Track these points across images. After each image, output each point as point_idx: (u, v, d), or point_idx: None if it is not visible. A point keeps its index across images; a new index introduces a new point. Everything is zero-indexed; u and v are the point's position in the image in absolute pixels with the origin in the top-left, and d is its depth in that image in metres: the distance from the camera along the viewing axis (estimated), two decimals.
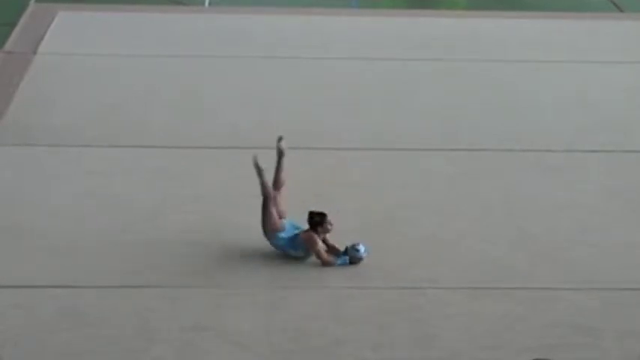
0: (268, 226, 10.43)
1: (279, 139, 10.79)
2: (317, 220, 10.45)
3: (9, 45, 15.99)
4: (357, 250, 10.42)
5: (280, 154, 10.73)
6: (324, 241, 10.54)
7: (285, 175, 10.74)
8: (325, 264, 10.41)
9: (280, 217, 10.50)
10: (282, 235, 10.43)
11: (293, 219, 10.60)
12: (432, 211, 11.55)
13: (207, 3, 18.52)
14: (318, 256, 10.42)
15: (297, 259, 10.45)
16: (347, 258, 10.44)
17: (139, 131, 13.29)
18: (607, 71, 15.59)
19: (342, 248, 10.50)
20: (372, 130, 13.51)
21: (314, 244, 10.38)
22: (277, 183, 10.70)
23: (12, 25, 16.77)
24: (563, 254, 10.82)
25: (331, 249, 10.55)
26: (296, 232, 10.47)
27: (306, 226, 10.47)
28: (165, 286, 10.06)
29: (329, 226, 10.47)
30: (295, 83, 14.93)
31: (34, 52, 15.66)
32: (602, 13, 18.26)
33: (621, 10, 18.49)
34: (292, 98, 14.42)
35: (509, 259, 10.70)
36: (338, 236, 10.90)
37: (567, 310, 9.89)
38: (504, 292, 10.13)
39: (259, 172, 10.47)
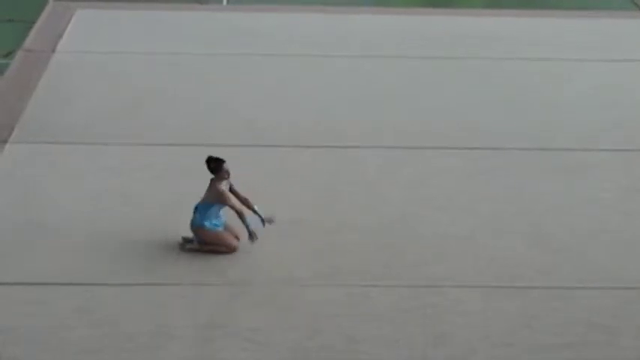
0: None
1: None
2: (212, 167, 10.41)
3: (28, 43, 16.06)
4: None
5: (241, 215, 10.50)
6: (236, 194, 10.48)
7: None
8: (240, 215, 10.33)
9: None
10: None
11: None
12: (447, 209, 11.54)
13: (225, 1, 18.57)
14: (233, 207, 10.36)
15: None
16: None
17: (155, 129, 13.33)
18: (625, 70, 15.55)
19: None
20: (386, 128, 13.50)
21: (223, 197, 10.30)
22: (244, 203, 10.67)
23: (31, 23, 16.85)
24: (580, 252, 10.79)
25: (243, 201, 10.50)
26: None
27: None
28: (181, 283, 10.09)
29: (225, 175, 10.40)
30: (310, 81, 14.94)
31: (53, 51, 15.73)
32: (620, 11, 18.20)
33: None
34: (307, 96, 14.43)
35: (526, 257, 10.69)
36: (353, 233, 10.92)
37: (584, 309, 9.87)
38: (520, 290, 10.12)
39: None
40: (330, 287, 10.10)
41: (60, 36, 16.24)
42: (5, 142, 12.87)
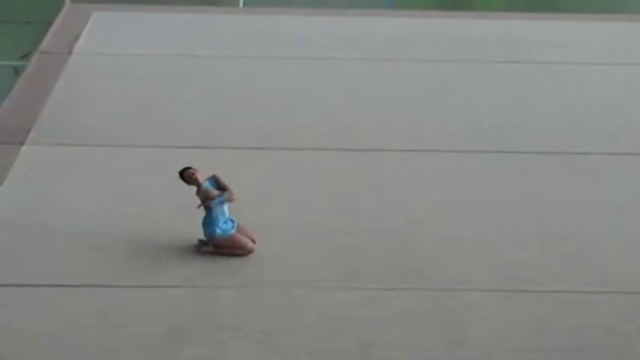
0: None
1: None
2: (187, 179, 10.53)
3: (45, 45, 16.11)
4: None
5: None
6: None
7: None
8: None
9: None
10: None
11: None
12: (462, 212, 11.51)
13: (241, 4, 18.59)
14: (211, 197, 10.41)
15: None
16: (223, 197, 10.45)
17: (170, 132, 13.34)
18: None
19: None
20: (402, 131, 13.48)
21: (206, 195, 10.37)
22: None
23: (48, 25, 16.90)
24: (595, 257, 10.75)
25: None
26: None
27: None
28: (194, 285, 10.09)
29: (198, 175, 10.48)
30: (326, 84, 14.94)
31: (70, 53, 15.77)
32: (636, 14, 18.13)
33: None
34: (322, 99, 14.43)
35: (541, 261, 10.65)
36: (367, 236, 10.91)
37: (599, 313, 9.82)
38: (535, 295, 10.08)
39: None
40: (344, 290, 10.09)
41: (77, 38, 16.29)
42: (22, 144, 12.91)
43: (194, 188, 10.52)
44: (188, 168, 10.65)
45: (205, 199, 10.47)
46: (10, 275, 10.18)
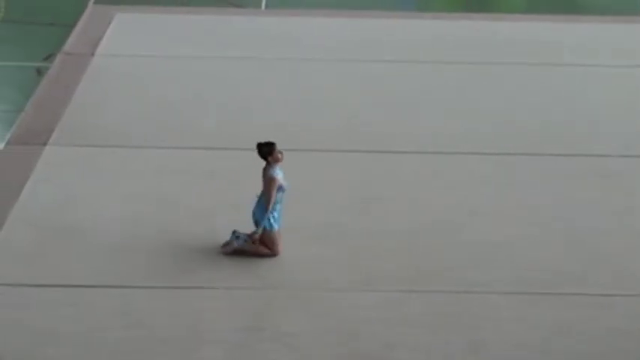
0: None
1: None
2: (266, 150, 10.36)
3: (68, 46, 16.17)
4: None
5: None
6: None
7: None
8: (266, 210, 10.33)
9: None
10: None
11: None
12: (484, 215, 11.49)
13: (263, 6, 18.61)
14: (270, 194, 10.31)
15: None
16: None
17: (191, 133, 13.37)
18: None
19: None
20: (423, 133, 13.47)
21: (273, 183, 10.27)
22: None
23: (71, 26, 16.97)
24: (618, 260, 10.70)
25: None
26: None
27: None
28: (216, 287, 10.11)
29: (279, 155, 10.38)
30: (347, 85, 14.93)
31: (92, 54, 15.82)
32: None
33: None
34: (343, 100, 14.42)
35: (564, 264, 10.61)
36: (388, 238, 10.90)
37: (621, 317, 9.79)
38: (558, 298, 10.05)
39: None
40: (365, 292, 10.09)
41: (99, 39, 16.34)
42: (45, 144, 12.96)
43: (215, 188, 10.44)
44: (273, 144, 10.43)
45: (270, 186, 10.32)
46: (33, 276, 10.22)
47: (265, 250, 10.50)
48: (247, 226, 10.68)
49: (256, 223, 10.42)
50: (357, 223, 11.22)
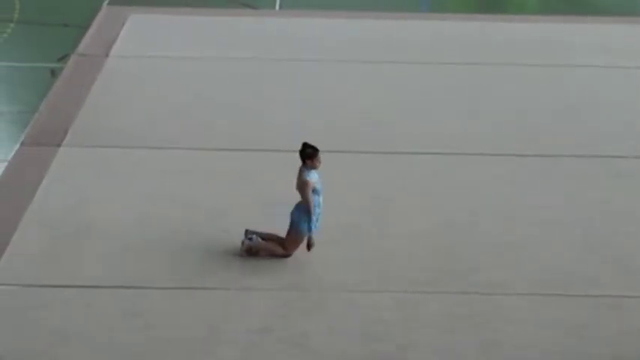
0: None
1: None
2: (309, 152, 10.34)
3: (82, 47, 16.20)
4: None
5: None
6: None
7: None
8: (308, 212, 10.28)
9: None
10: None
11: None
12: (499, 216, 11.47)
13: (277, 6, 18.62)
14: (307, 198, 10.29)
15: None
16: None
17: (205, 134, 13.38)
18: None
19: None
20: (439, 134, 13.45)
21: (306, 187, 10.25)
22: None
23: (85, 27, 17.01)
24: (632, 261, 10.67)
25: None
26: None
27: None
28: (231, 288, 10.11)
29: (318, 163, 10.36)
30: (361, 86, 14.93)
31: (106, 55, 15.85)
32: None
33: None
34: (357, 101, 14.42)
35: (578, 265, 10.59)
36: (404, 239, 10.89)
37: (634, 318, 9.76)
38: (572, 299, 10.03)
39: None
40: (380, 293, 10.08)
41: (113, 40, 16.37)
42: (59, 145, 12.99)
43: (231, 189, 10.44)
44: (317, 150, 10.38)
45: (304, 190, 10.30)
46: (47, 276, 10.24)
47: (280, 251, 10.50)
48: (260, 226, 10.70)
49: (291, 224, 10.41)
50: (370, 224, 11.21)
